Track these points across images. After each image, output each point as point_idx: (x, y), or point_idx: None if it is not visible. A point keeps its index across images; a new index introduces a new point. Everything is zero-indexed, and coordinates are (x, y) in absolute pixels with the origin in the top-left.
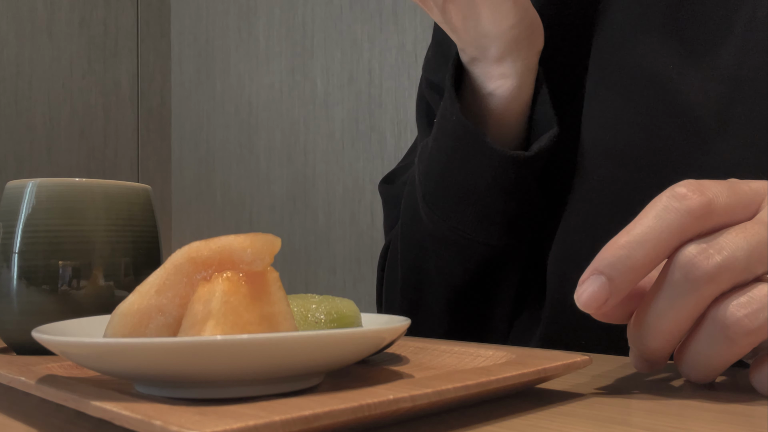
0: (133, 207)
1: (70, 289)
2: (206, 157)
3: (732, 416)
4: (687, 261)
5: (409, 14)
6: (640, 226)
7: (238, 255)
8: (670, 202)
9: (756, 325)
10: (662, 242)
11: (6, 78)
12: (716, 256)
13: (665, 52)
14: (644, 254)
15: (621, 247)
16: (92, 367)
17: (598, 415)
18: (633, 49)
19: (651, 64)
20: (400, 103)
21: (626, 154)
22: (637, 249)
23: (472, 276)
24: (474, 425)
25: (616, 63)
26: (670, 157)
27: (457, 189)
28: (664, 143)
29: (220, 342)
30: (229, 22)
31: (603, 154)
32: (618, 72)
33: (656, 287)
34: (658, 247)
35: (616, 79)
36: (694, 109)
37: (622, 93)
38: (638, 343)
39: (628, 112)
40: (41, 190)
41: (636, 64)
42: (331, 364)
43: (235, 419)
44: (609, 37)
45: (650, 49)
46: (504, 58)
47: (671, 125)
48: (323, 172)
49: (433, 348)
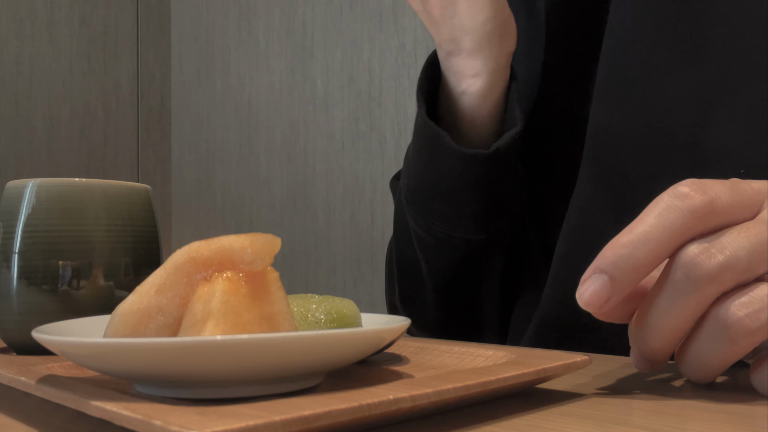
0: (133, 207)
1: (70, 289)
2: (206, 157)
3: (732, 416)
4: (689, 260)
5: (409, 14)
6: (642, 225)
7: (238, 255)
8: (673, 201)
9: (757, 325)
10: (664, 241)
11: (6, 78)
12: (718, 256)
13: (668, 45)
14: (646, 253)
15: (623, 246)
16: (92, 367)
17: (598, 415)
18: (639, 41)
19: (657, 54)
20: (400, 103)
21: (632, 138)
22: (639, 248)
23: (455, 269)
24: (474, 425)
25: (623, 53)
26: (675, 141)
27: (431, 187)
28: (670, 127)
29: (220, 342)
30: (229, 22)
31: (610, 138)
32: (626, 61)
33: (658, 286)
34: (660, 246)
35: (624, 67)
36: (699, 94)
37: (630, 79)
38: (640, 343)
39: (635, 96)
40: (41, 190)
41: (643, 54)
42: (331, 364)
43: (235, 419)
44: (617, 29)
45: (656, 41)
46: (477, 53)
47: (677, 110)
48: (323, 172)
49: (433, 348)
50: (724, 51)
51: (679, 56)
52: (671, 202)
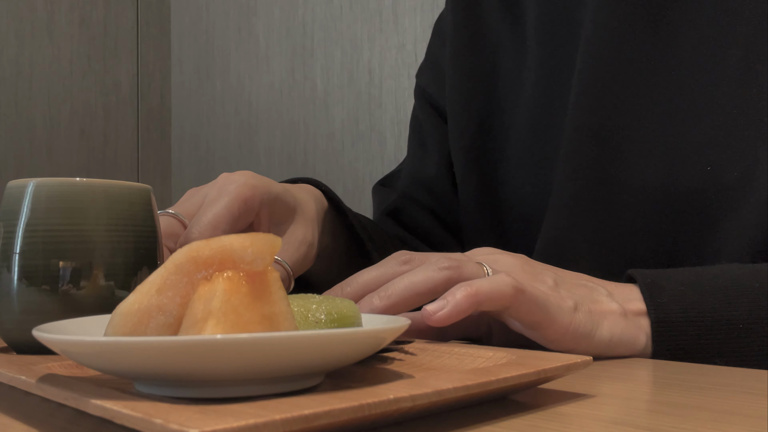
0: (133, 207)
1: (70, 289)
2: (206, 157)
3: (732, 416)
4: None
5: (409, 14)
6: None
7: (238, 255)
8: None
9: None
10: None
11: (6, 78)
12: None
13: (640, 45)
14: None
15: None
16: (93, 366)
17: (598, 415)
18: (614, 44)
19: (628, 56)
20: (400, 103)
21: (604, 134)
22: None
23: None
24: (474, 425)
25: (599, 57)
26: (643, 137)
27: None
28: (640, 124)
29: (220, 341)
30: (229, 22)
31: (585, 136)
32: (601, 65)
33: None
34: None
35: (600, 72)
36: (669, 94)
37: (604, 80)
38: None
39: (607, 96)
40: (41, 190)
41: (615, 56)
42: (331, 364)
43: (236, 418)
44: (594, 34)
45: (628, 44)
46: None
47: (644, 107)
48: (323, 172)
49: (433, 348)
50: (693, 58)
51: (651, 63)
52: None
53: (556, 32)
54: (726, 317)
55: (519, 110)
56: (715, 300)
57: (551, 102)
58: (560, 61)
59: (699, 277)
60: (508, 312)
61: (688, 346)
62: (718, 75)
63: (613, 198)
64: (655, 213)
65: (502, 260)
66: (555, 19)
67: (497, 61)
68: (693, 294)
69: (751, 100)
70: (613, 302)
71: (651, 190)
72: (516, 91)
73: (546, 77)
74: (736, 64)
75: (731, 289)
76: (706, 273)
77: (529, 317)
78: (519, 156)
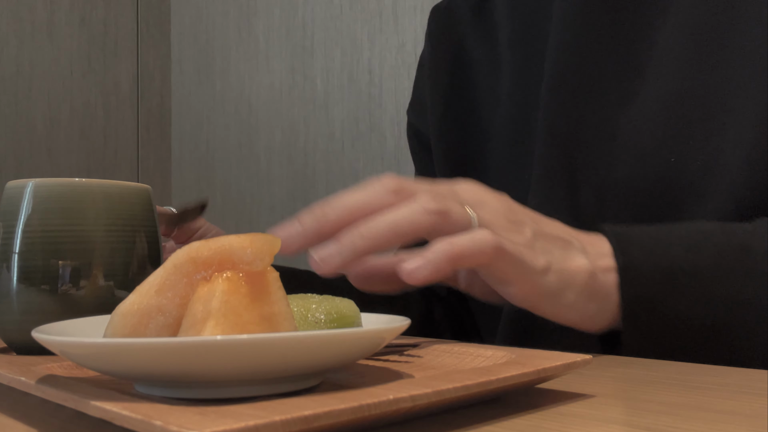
0: (133, 207)
1: (69, 289)
2: (206, 157)
3: (732, 416)
4: None
5: (409, 14)
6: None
7: (238, 255)
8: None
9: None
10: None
11: (6, 78)
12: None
13: (604, 46)
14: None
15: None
16: (92, 367)
17: (598, 415)
18: (578, 47)
19: (593, 57)
20: (400, 103)
21: (573, 136)
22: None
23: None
24: (474, 425)
25: (564, 61)
26: (611, 136)
27: None
28: (607, 123)
29: (219, 342)
30: (229, 22)
31: (555, 139)
32: (567, 68)
33: None
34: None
35: (566, 75)
36: (634, 92)
37: (570, 83)
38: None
39: (574, 98)
40: (41, 190)
41: (580, 58)
42: (331, 364)
43: (235, 419)
44: (560, 38)
45: (592, 45)
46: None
47: (611, 107)
48: (323, 172)
49: (433, 348)
50: (656, 57)
51: (615, 64)
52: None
53: (528, 44)
54: (690, 263)
55: (497, 122)
56: (681, 248)
57: (526, 112)
58: (532, 69)
59: (669, 229)
60: (482, 267)
61: (654, 295)
62: (678, 71)
63: (581, 196)
64: (623, 207)
65: (488, 204)
66: (526, 31)
67: (474, 78)
68: (659, 243)
69: (709, 92)
70: (585, 259)
71: (620, 185)
72: (493, 104)
73: (520, 88)
74: (694, 59)
75: (697, 237)
76: (677, 226)
77: (501, 274)
78: (498, 167)
